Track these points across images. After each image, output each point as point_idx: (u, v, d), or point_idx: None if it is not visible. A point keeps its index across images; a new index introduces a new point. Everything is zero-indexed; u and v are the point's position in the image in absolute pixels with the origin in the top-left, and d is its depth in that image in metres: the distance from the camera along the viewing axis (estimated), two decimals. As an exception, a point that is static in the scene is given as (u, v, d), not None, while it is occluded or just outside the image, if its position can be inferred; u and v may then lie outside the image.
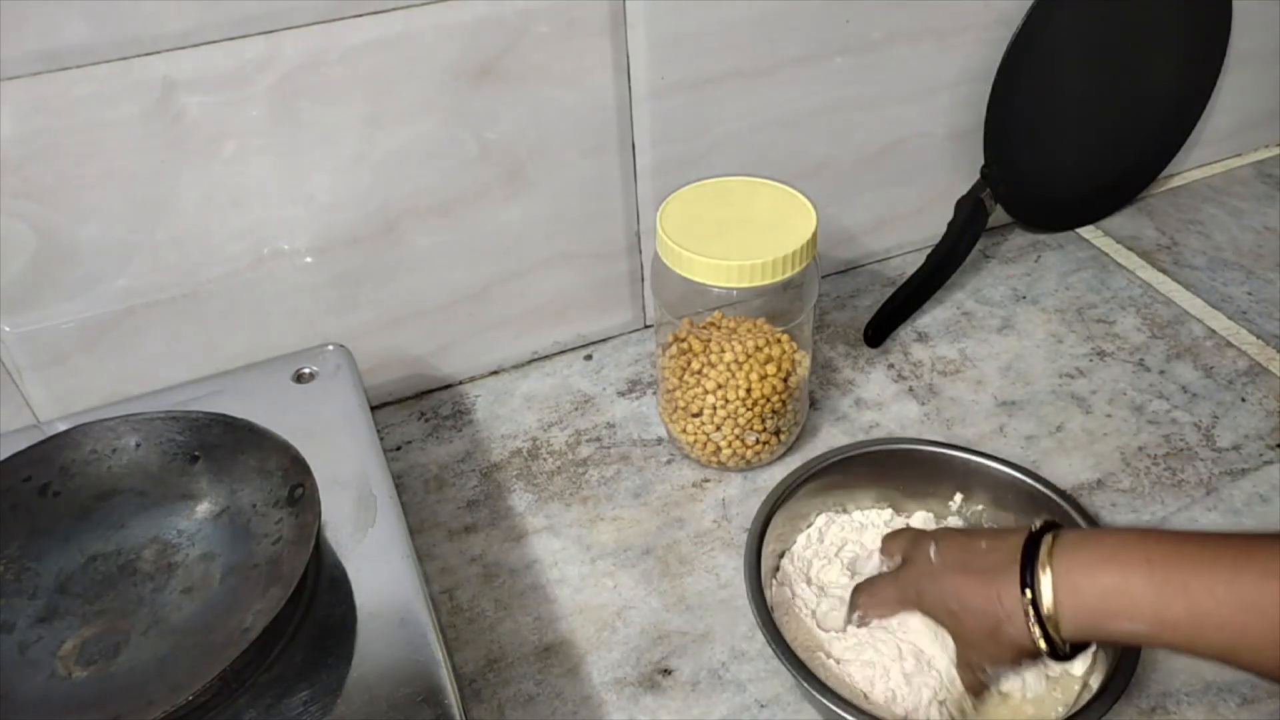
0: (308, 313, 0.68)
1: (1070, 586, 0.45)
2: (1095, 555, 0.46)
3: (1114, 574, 0.44)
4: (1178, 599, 0.42)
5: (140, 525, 0.53)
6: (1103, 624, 0.45)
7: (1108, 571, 0.44)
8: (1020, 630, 0.46)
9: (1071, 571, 0.45)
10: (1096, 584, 0.45)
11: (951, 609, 0.51)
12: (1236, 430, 0.71)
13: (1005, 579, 0.47)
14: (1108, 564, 0.45)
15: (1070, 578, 0.45)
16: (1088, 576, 0.45)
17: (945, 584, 0.51)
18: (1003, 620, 0.47)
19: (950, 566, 0.52)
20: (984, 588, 0.48)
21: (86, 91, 0.54)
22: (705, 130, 0.72)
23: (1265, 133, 1.00)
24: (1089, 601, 0.45)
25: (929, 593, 0.52)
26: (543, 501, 0.67)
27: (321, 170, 0.63)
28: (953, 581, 0.51)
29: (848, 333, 0.80)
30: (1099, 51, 0.81)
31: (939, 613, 0.52)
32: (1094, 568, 0.45)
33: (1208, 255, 0.87)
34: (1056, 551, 0.46)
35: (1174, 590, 0.42)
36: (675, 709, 0.56)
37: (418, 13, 0.59)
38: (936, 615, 0.52)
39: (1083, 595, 0.45)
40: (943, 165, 0.83)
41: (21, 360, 0.61)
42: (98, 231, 0.59)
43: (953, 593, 0.51)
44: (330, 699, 0.47)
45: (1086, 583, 0.45)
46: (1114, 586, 0.44)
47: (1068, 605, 0.45)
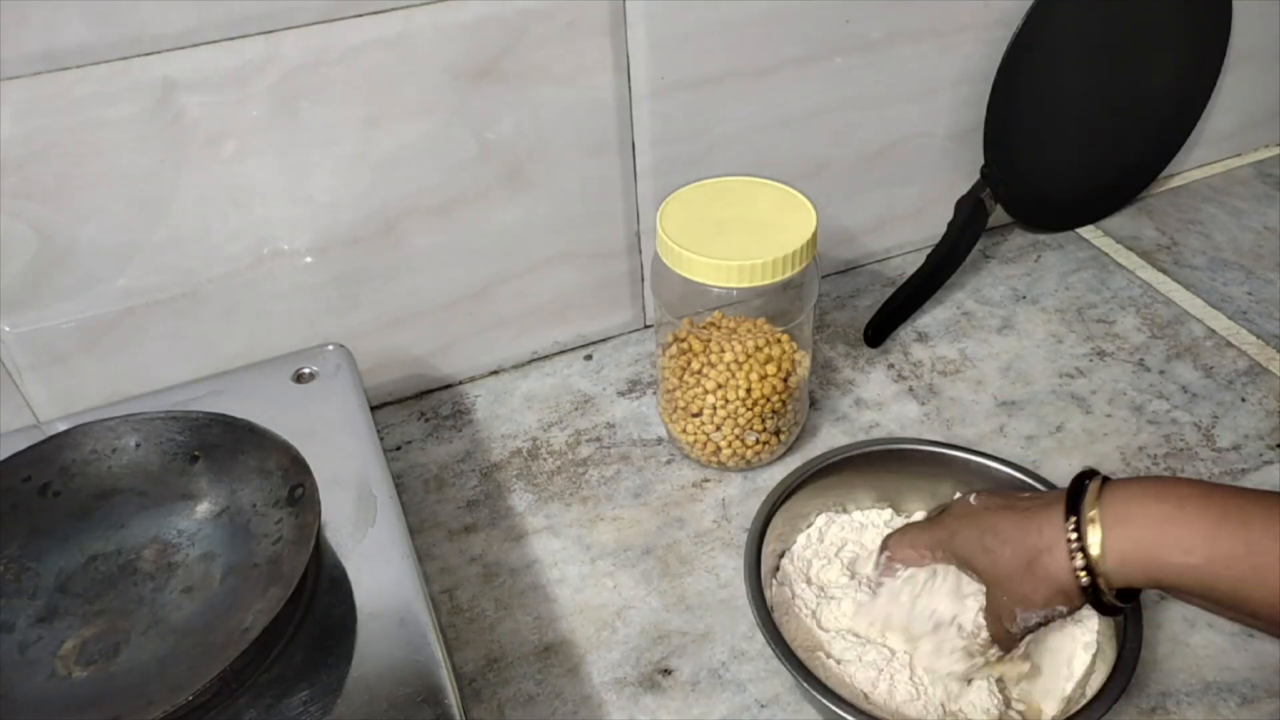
0: (308, 313, 0.68)
1: (1120, 516, 0.43)
2: (1149, 488, 0.44)
3: (1169, 503, 0.42)
4: (1236, 534, 0.40)
5: (140, 525, 0.53)
6: (1153, 554, 0.42)
7: (1160, 502, 0.43)
8: (1060, 562, 0.44)
9: (1123, 502, 0.43)
10: (1149, 511, 0.43)
11: (987, 545, 0.48)
12: (1236, 430, 0.71)
13: (1049, 512, 0.45)
14: (1162, 494, 0.43)
15: (1122, 508, 0.43)
16: (1140, 505, 0.43)
17: (984, 520, 0.49)
18: (1042, 551, 0.45)
19: (991, 507, 0.50)
20: (1025, 520, 0.46)
21: (86, 91, 0.54)
22: (705, 130, 0.72)
23: (1265, 133, 1.00)
24: (1139, 530, 0.43)
25: (963, 531, 0.50)
26: (543, 501, 0.67)
27: (321, 170, 0.63)
28: (992, 517, 0.49)
29: (848, 333, 0.80)
30: (1099, 52, 0.81)
31: (973, 550, 0.49)
32: (1147, 496, 0.43)
33: (1208, 255, 0.87)
34: (1106, 490, 0.45)
35: (1232, 525, 0.41)
36: (675, 709, 0.56)
37: (418, 13, 0.59)
38: (969, 554, 0.50)
39: (1132, 524, 0.43)
40: (943, 165, 0.83)
41: (21, 360, 0.61)
42: (98, 231, 0.59)
43: (990, 527, 0.48)
44: (330, 699, 0.47)
45: (1138, 511, 0.43)
46: (1168, 515, 0.42)
47: (1115, 535, 0.43)
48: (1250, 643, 0.58)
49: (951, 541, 0.51)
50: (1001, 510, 0.49)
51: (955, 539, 0.51)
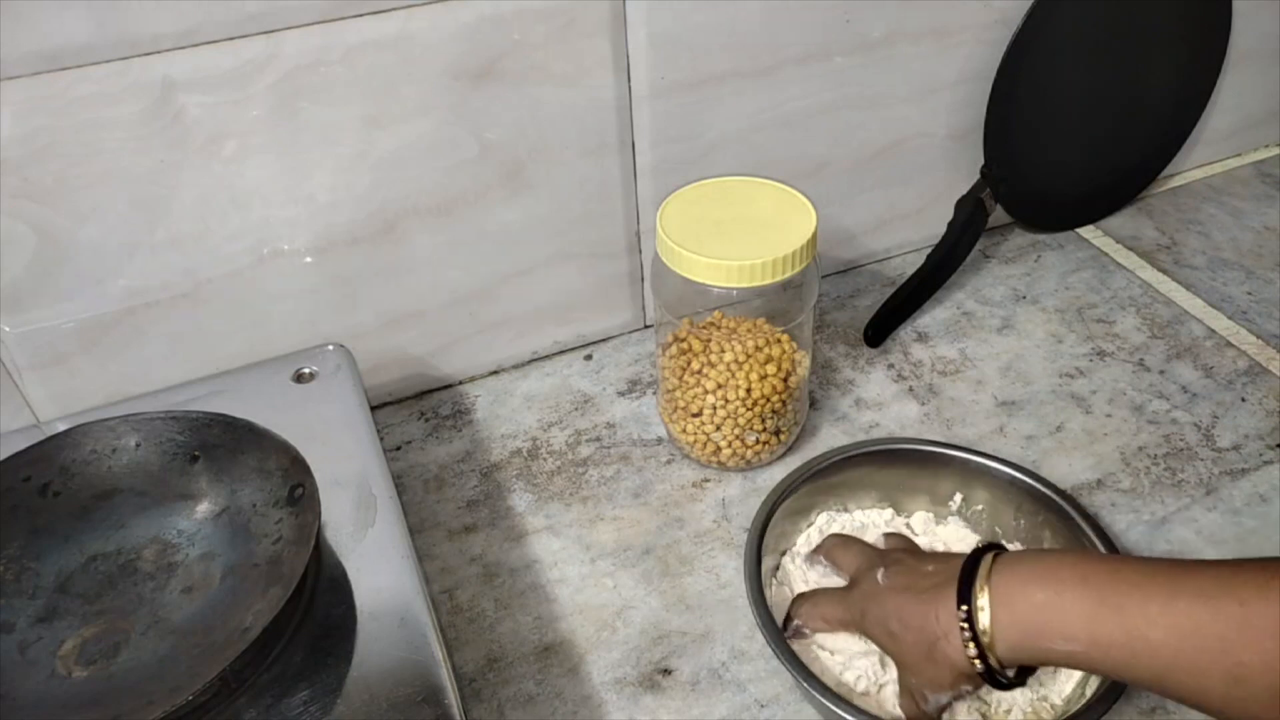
0: (308, 313, 0.68)
1: (1006, 602, 0.45)
2: (1032, 572, 0.45)
3: (1049, 590, 0.44)
4: (1112, 619, 0.42)
5: (140, 525, 0.53)
6: (1038, 642, 0.44)
7: (1043, 588, 0.44)
8: (956, 648, 0.46)
9: (1008, 587, 0.45)
10: (1031, 600, 0.44)
11: (892, 629, 0.50)
12: (1236, 430, 0.71)
13: (944, 596, 0.47)
14: (1044, 580, 0.44)
15: (1006, 593, 0.45)
16: (1023, 592, 0.45)
17: (888, 604, 0.51)
18: (940, 638, 0.47)
19: (895, 587, 0.51)
20: (923, 606, 0.48)
21: (86, 91, 0.54)
22: (705, 130, 0.72)
23: (1265, 133, 1.00)
24: (1023, 617, 0.44)
25: (871, 613, 0.52)
26: (543, 501, 0.67)
27: (321, 170, 0.63)
28: (895, 601, 0.50)
29: (848, 333, 0.80)
30: (1099, 52, 0.81)
31: (880, 634, 0.51)
32: (1029, 584, 0.45)
33: (1208, 255, 0.87)
34: (996, 569, 0.46)
35: (1109, 610, 0.42)
36: (675, 709, 0.56)
37: (418, 13, 0.59)
38: (878, 637, 0.52)
39: (1017, 611, 0.44)
40: (943, 165, 0.83)
41: (21, 360, 0.61)
42: (98, 231, 0.59)
43: (894, 612, 0.50)
44: (330, 699, 0.47)
45: (1021, 598, 0.44)
46: (1048, 602, 0.44)
47: (1003, 622, 0.45)
48: (1250, 643, 0.58)
49: (862, 623, 0.53)
50: (904, 593, 0.51)
51: (865, 621, 0.53)
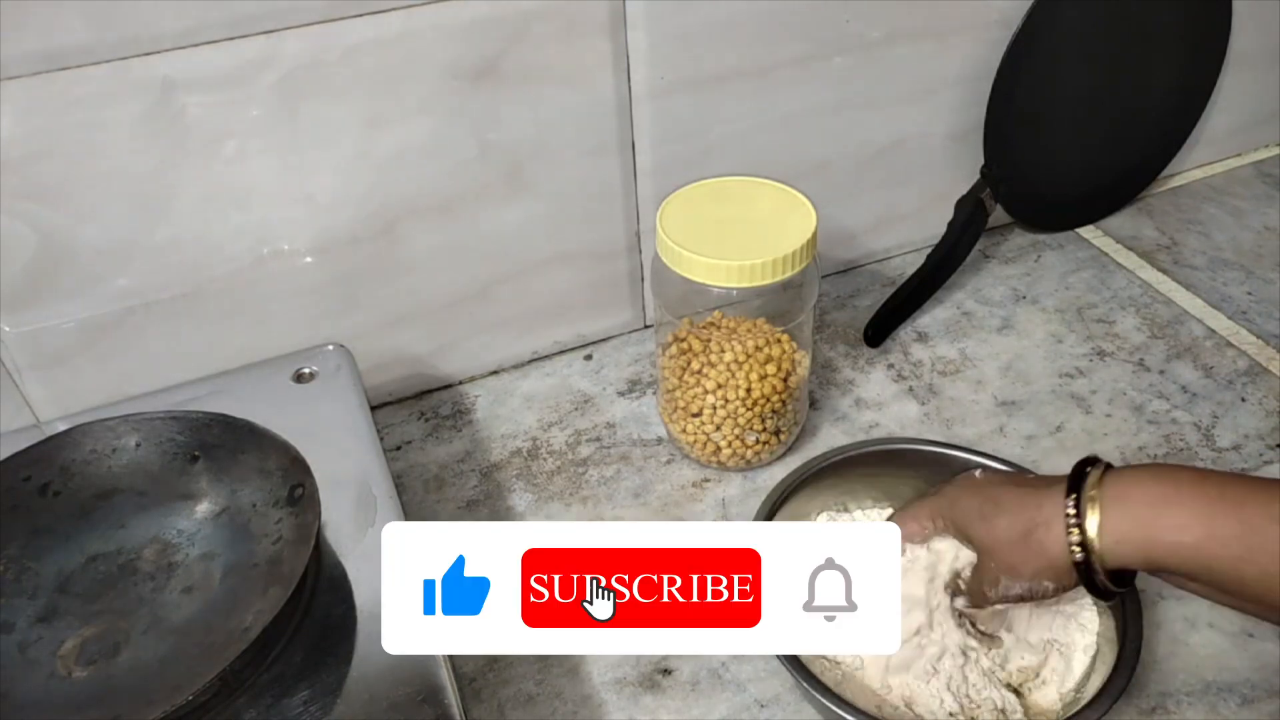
0: (308, 313, 0.68)
1: (1118, 497, 0.44)
2: (1148, 471, 0.45)
3: (1166, 485, 0.44)
4: (1231, 514, 0.41)
5: (140, 525, 0.53)
6: (1148, 533, 0.43)
7: (1159, 483, 0.44)
8: (1056, 537, 0.45)
9: (1122, 484, 0.45)
10: (1146, 492, 0.44)
11: (985, 512, 0.49)
12: (1236, 430, 0.71)
13: (1051, 489, 0.46)
14: (1160, 476, 0.44)
15: (1119, 489, 0.44)
16: (1138, 486, 0.44)
17: (985, 490, 0.50)
18: (1039, 525, 0.46)
19: (994, 480, 0.51)
20: (1026, 494, 0.47)
21: (86, 91, 0.54)
22: (705, 130, 0.72)
23: (1265, 133, 1.00)
24: (1136, 509, 0.44)
25: (963, 500, 0.51)
26: (543, 501, 0.67)
27: (321, 170, 0.63)
28: (994, 489, 0.50)
29: (848, 333, 0.80)
30: (1099, 51, 0.81)
31: (970, 517, 0.50)
32: (1145, 478, 0.44)
33: (1208, 255, 0.87)
34: (1109, 473, 0.46)
35: (1228, 505, 0.42)
36: (675, 709, 0.56)
37: (418, 13, 0.59)
38: (966, 521, 0.51)
39: (1130, 503, 0.44)
40: (943, 165, 0.83)
41: (21, 360, 0.61)
42: (98, 231, 0.59)
43: (991, 497, 0.49)
44: (330, 699, 0.47)
45: (1136, 491, 0.44)
46: (1164, 495, 0.43)
47: (1113, 514, 0.44)
48: (1250, 643, 0.58)
49: (951, 509, 0.52)
50: (1004, 484, 0.51)
51: (955, 506, 0.52)
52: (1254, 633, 0.58)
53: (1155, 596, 0.60)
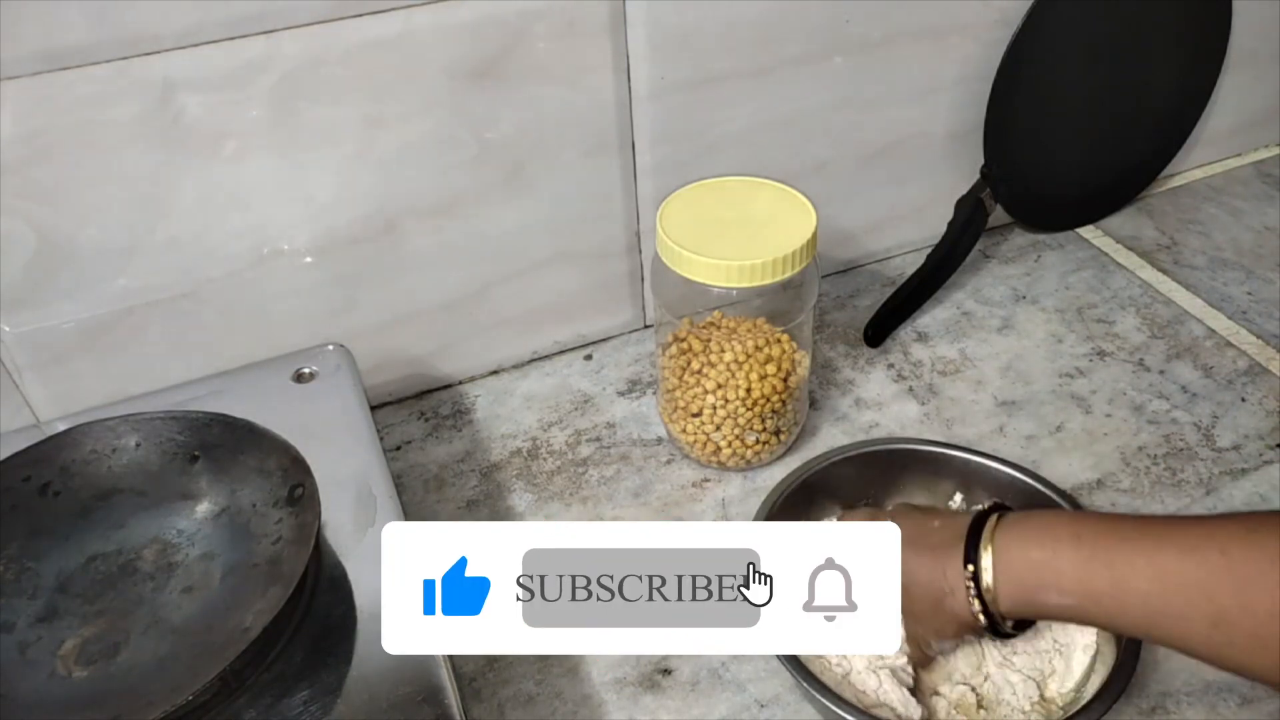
0: (308, 313, 0.68)
1: (1006, 561, 0.47)
2: (1029, 532, 0.48)
3: (1045, 548, 0.46)
4: (1102, 572, 0.44)
5: (140, 525, 0.53)
6: (1034, 597, 0.47)
7: (1039, 546, 0.47)
8: (962, 604, 0.48)
9: (1009, 548, 0.48)
10: (1028, 558, 0.47)
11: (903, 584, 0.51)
12: (1236, 430, 0.71)
13: (951, 555, 0.49)
14: (1040, 539, 0.47)
15: (1007, 553, 0.47)
16: (1021, 551, 0.47)
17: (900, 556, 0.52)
18: (947, 594, 0.49)
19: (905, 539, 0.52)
20: (932, 563, 0.50)
21: (86, 91, 0.54)
22: (705, 130, 0.72)
23: (1265, 133, 1.00)
24: (1021, 575, 0.47)
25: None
26: (543, 501, 0.67)
27: (321, 170, 0.63)
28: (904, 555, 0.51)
29: (848, 333, 0.80)
30: (1099, 52, 0.81)
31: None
32: (1027, 543, 0.47)
33: (1208, 255, 0.87)
34: (999, 530, 0.48)
35: (1099, 564, 0.44)
36: (675, 709, 0.56)
37: (418, 13, 0.59)
38: None
39: (1016, 569, 0.47)
40: (943, 165, 0.83)
41: (21, 360, 0.61)
42: (98, 231, 0.59)
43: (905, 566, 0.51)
44: (330, 699, 0.47)
45: (1020, 557, 0.47)
46: (1043, 560, 0.46)
47: (1003, 579, 0.47)
48: (1250, 643, 0.58)
49: None
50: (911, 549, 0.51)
51: None
52: (1254, 633, 0.58)
53: (1155, 596, 0.60)
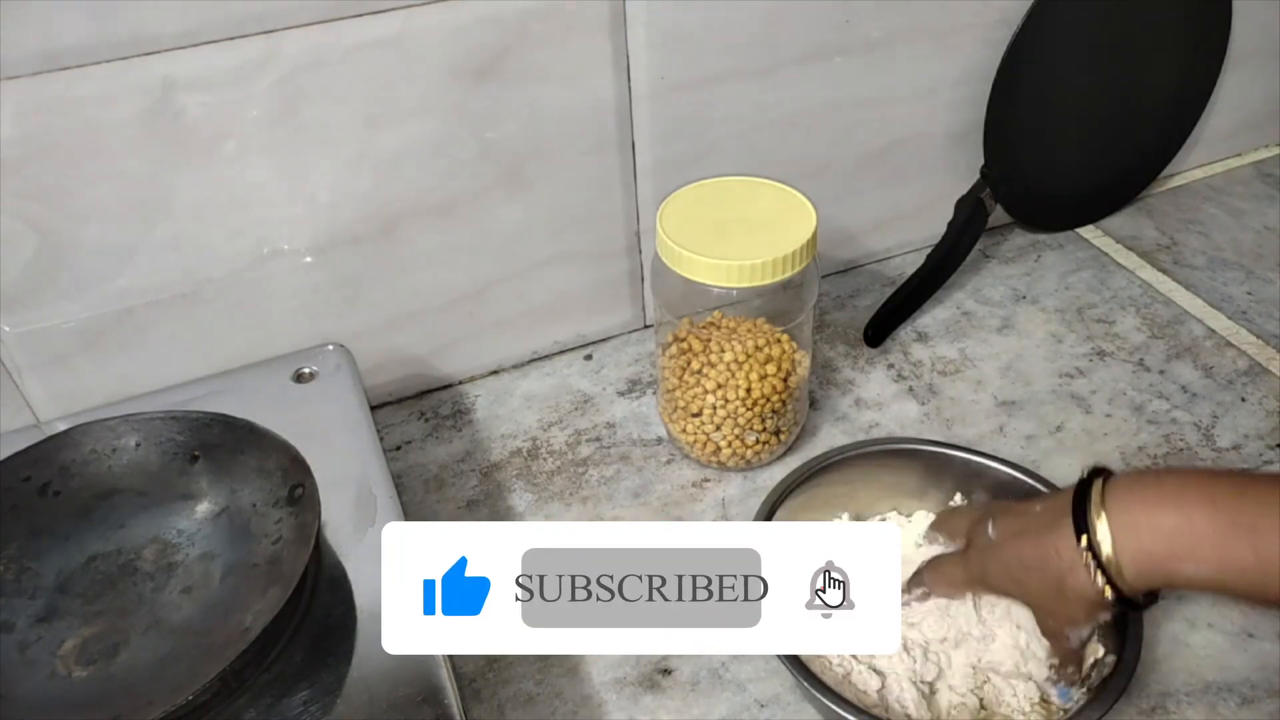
0: (308, 313, 0.68)
1: (1129, 527, 0.43)
2: (1154, 495, 0.44)
3: (1176, 513, 0.42)
4: (1244, 541, 0.41)
5: (140, 525, 0.53)
6: (1166, 567, 0.43)
7: (1169, 511, 0.43)
8: (1084, 580, 0.44)
9: (1129, 511, 0.44)
10: (1157, 524, 0.43)
11: (1016, 577, 0.49)
12: (1236, 430, 0.71)
13: (1060, 531, 0.45)
14: (1168, 503, 0.43)
15: (1128, 518, 0.44)
16: (1147, 516, 0.43)
17: (1006, 553, 0.50)
18: (1065, 574, 0.45)
19: (1007, 535, 0.50)
20: (1041, 545, 0.47)
21: (86, 91, 0.54)
22: (705, 130, 0.72)
23: (1265, 133, 1.00)
24: (1150, 544, 0.43)
25: (992, 567, 0.51)
26: (543, 501, 0.67)
27: (321, 170, 0.63)
28: (1012, 548, 0.49)
29: (848, 333, 0.80)
30: (1099, 51, 0.81)
31: (1006, 585, 0.50)
32: (1153, 507, 0.43)
33: (1208, 255, 0.87)
34: (1110, 494, 0.45)
35: (1241, 532, 0.41)
36: (675, 709, 0.56)
37: (418, 13, 0.59)
38: (1005, 588, 0.51)
39: (1143, 537, 0.43)
40: (943, 165, 0.83)
41: (21, 360, 0.61)
42: (98, 231, 0.59)
43: (1014, 559, 0.49)
44: (330, 699, 0.47)
45: (1146, 523, 0.43)
46: (1176, 527, 0.42)
47: (1128, 548, 0.43)
48: (1250, 643, 0.58)
49: (985, 580, 0.52)
50: (1018, 538, 0.50)
51: (988, 577, 0.52)
52: (1254, 633, 0.58)
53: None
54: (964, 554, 0.54)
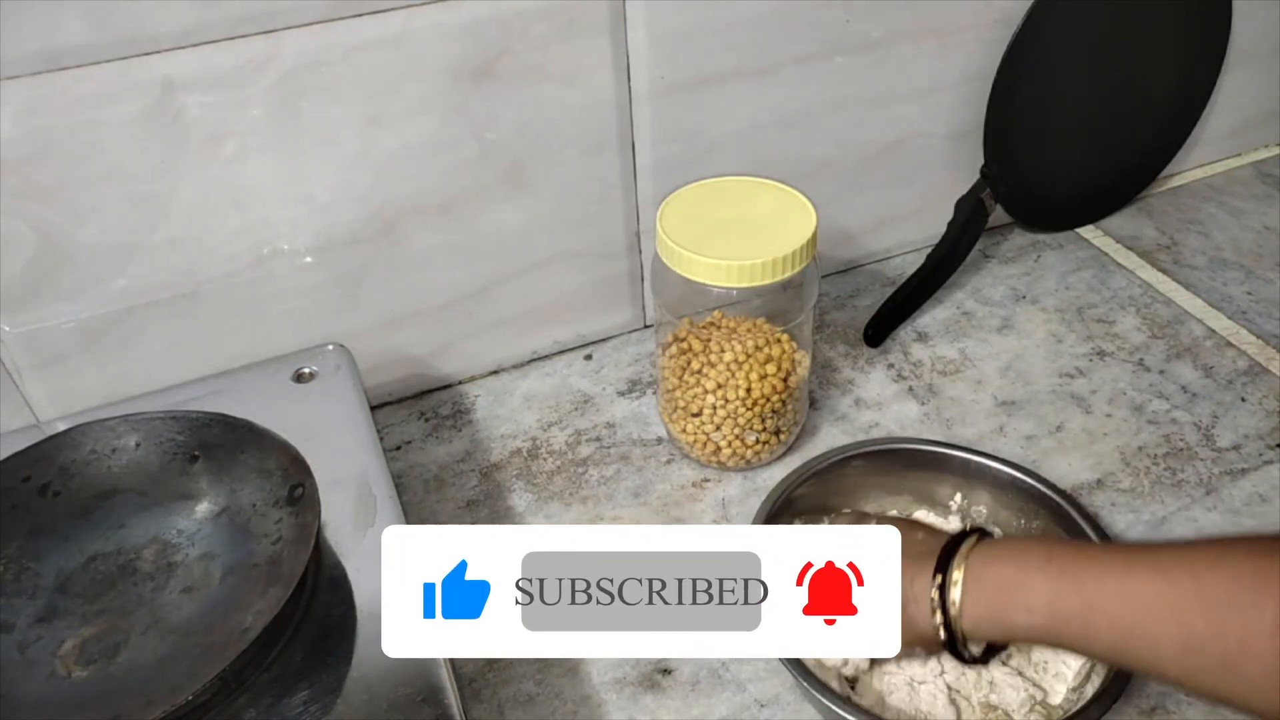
0: (308, 313, 0.68)
1: (975, 576, 0.47)
2: (1003, 551, 0.48)
3: (1015, 566, 0.46)
4: (1071, 591, 0.44)
5: (140, 525, 0.53)
6: (1002, 615, 0.46)
7: (1010, 564, 0.47)
8: (924, 615, 0.48)
9: (980, 564, 0.47)
10: (998, 574, 0.47)
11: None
12: (1236, 430, 0.71)
13: (924, 565, 0.49)
14: (1011, 558, 0.47)
15: (977, 568, 0.47)
16: (993, 569, 0.47)
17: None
18: (909, 602, 0.48)
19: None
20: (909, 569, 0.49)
21: (86, 91, 0.54)
22: (705, 130, 0.72)
23: (1265, 133, 1.00)
24: (990, 591, 0.47)
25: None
26: (543, 501, 0.67)
27: (321, 170, 0.63)
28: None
29: (848, 333, 0.80)
30: (1099, 52, 0.81)
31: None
32: (998, 561, 0.47)
33: (1208, 255, 0.87)
34: (975, 550, 0.48)
35: (1069, 583, 0.44)
36: (675, 709, 0.56)
37: (418, 13, 0.59)
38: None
39: (984, 584, 0.47)
40: (943, 165, 0.83)
41: (21, 360, 0.61)
42: (97, 231, 0.59)
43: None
44: (330, 699, 0.47)
45: (990, 573, 0.47)
46: (1013, 577, 0.46)
47: (971, 594, 0.47)
48: (1250, 643, 0.58)
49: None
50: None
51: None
52: (1254, 633, 0.58)
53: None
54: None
